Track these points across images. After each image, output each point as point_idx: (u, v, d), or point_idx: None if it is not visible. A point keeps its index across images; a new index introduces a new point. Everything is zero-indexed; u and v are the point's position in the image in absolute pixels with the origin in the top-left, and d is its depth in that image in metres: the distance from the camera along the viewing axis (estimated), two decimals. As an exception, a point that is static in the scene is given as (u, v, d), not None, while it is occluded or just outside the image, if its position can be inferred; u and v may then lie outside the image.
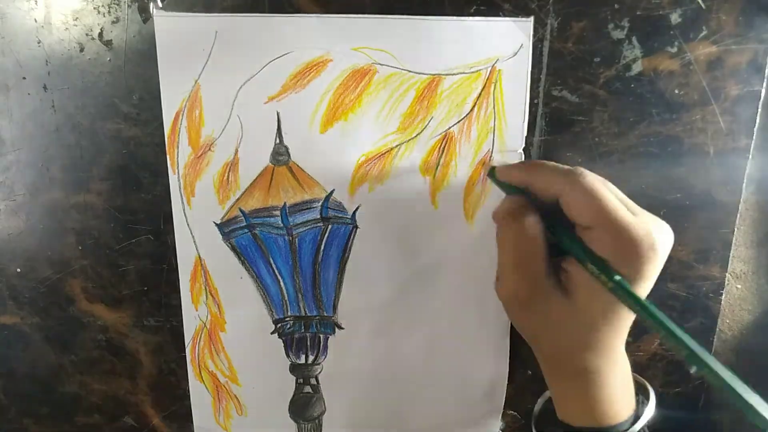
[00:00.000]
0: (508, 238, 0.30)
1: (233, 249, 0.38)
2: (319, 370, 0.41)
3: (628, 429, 0.31)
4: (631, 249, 0.27)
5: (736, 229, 0.38)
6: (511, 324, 0.40)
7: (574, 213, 0.28)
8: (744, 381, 0.26)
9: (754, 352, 0.42)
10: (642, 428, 0.32)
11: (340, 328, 0.40)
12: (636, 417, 0.32)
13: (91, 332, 0.41)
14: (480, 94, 0.35)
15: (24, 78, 0.36)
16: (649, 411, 0.33)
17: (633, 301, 0.27)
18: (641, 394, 0.34)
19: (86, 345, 0.41)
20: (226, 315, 0.40)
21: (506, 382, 0.41)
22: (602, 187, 0.28)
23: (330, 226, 0.37)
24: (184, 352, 0.41)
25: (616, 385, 0.31)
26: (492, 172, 0.34)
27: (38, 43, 0.35)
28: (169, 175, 0.37)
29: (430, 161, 0.36)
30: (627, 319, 0.30)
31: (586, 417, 0.31)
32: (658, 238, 0.27)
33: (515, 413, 0.43)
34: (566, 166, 0.30)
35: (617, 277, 0.27)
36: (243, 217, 0.38)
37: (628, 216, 0.27)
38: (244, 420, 0.42)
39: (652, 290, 0.39)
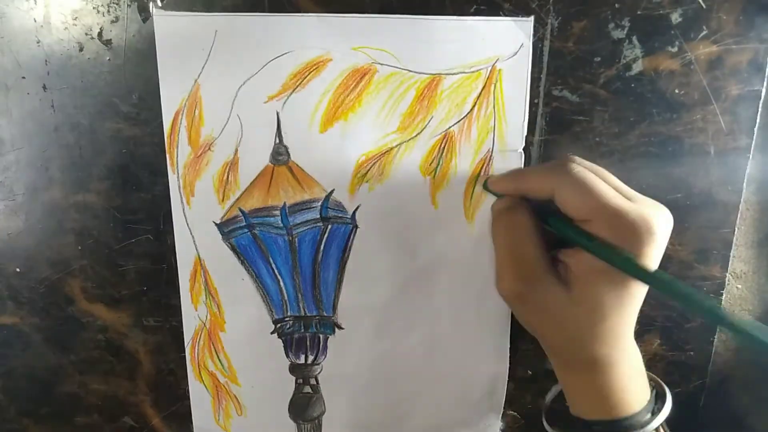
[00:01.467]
0: (501, 233, 0.30)
1: (233, 249, 0.38)
2: (318, 371, 0.41)
3: (644, 421, 0.31)
4: (629, 234, 0.27)
5: (736, 228, 0.38)
6: (512, 323, 0.40)
7: (569, 209, 0.28)
8: (744, 382, 0.26)
9: (754, 353, 0.42)
10: (660, 426, 0.32)
11: (340, 328, 0.40)
12: (651, 410, 0.32)
13: (91, 332, 0.41)
14: (480, 93, 0.35)
15: (23, 78, 0.36)
16: (667, 407, 0.32)
17: (644, 275, 0.27)
18: (657, 389, 0.34)
19: (86, 345, 0.41)
20: (225, 315, 0.40)
21: (506, 381, 0.41)
22: (593, 178, 0.28)
23: (330, 226, 0.37)
24: (184, 352, 0.41)
25: (628, 375, 0.31)
26: (485, 185, 0.35)
27: (37, 42, 0.35)
28: (169, 174, 0.37)
29: (430, 161, 0.36)
30: (630, 306, 0.30)
31: (599, 409, 0.31)
32: (655, 220, 0.27)
33: (515, 413, 0.43)
34: (555, 163, 0.30)
35: (627, 255, 0.27)
36: (243, 217, 0.37)
37: (623, 203, 0.27)
38: (243, 420, 0.42)
39: (652, 290, 0.39)
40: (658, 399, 0.33)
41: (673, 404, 0.42)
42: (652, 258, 0.28)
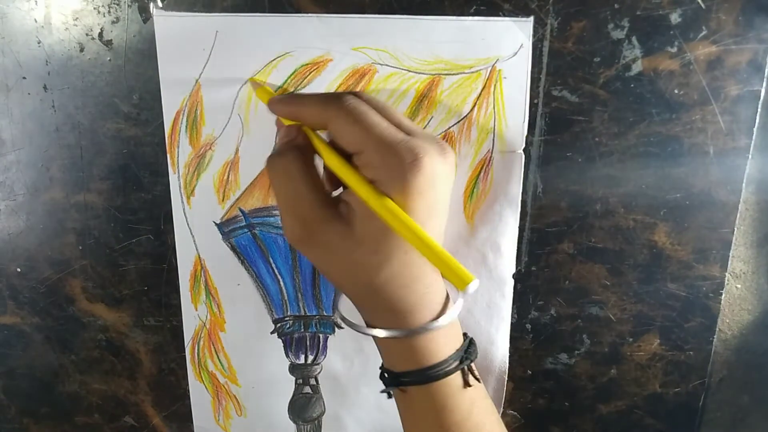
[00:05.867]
0: (275, 179, 0.28)
1: (233, 249, 0.38)
2: (318, 371, 0.41)
3: (450, 369, 0.29)
4: (395, 164, 0.25)
5: (735, 228, 0.38)
6: (512, 323, 0.40)
7: (341, 141, 0.27)
8: (744, 382, 0.25)
9: (753, 352, 0.42)
10: (467, 369, 0.30)
11: (340, 327, 0.40)
12: (460, 357, 0.30)
13: (91, 332, 0.41)
14: (480, 94, 0.35)
15: (24, 78, 0.36)
16: (474, 352, 0.31)
17: (389, 215, 0.25)
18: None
19: (86, 345, 0.41)
20: (225, 315, 0.40)
21: (506, 381, 0.41)
22: (365, 110, 0.27)
23: (330, 226, 0.37)
24: (184, 352, 0.41)
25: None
26: (269, 102, 0.31)
27: (38, 43, 0.35)
28: (170, 174, 0.37)
29: (430, 161, 0.36)
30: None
31: (407, 360, 0.29)
32: (423, 153, 0.25)
33: (515, 413, 0.43)
34: (331, 94, 0.29)
35: (380, 197, 0.25)
36: (243, 217, 0.38)
37: (394, 133, 0.26)
38: (243, 420, 0.42)
39: (652, 290, 0.39)
40: (471, 344, 0.31)
41: (672, 404, 0.42)
42: (419, 194, 0.25)
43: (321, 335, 0.40)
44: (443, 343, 0.30)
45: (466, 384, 0.30)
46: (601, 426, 0.43)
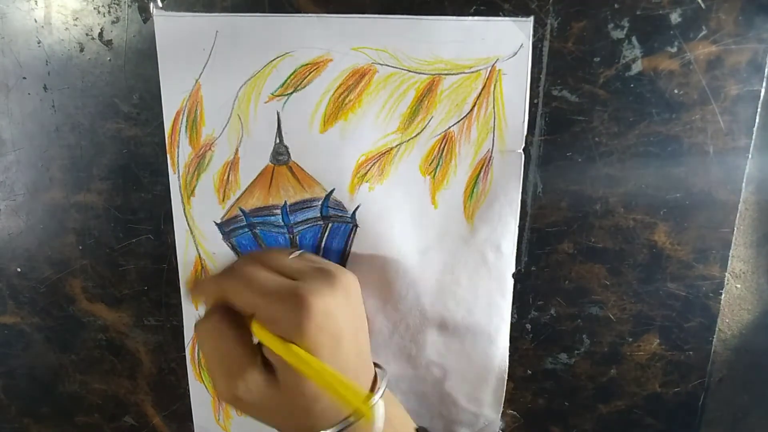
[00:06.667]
0: (203, 342, 0.29)
1: (233, 248, 0.38)
2: (319, 370, 0.41)
3: None
4: (286, 316, 0.27)
5: (735, 228, 0.38)
6: (512, 323, 0.40)
7: (239, 307, 0.28)
8: (744, 382, 0.25)
9: (753, 352, 0.42)
10: None
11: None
12: None
13: (92, 332, 0.41)
14: (480, 93, 0.35)
15: (24, 78, 0.36)
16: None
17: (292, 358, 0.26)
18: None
19: (86, 344, 0.41)
20: (226, 314, 0.40)
21: (506, 380, 0.41)
22: (249, 271, 0.29)
23: (330, 225, 0.38)
24: (184, 352, 0.41)
25: None
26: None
27: (38, 43, 0.35)
28: (170, 174, 0.37)
29: (430, 161, 0.36)
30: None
31: None
32: (307, 296, 0.27)
33: (515, 413, 0.43)
34: (224, 269, 0.30)
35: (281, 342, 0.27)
36: (243, 217, 0.38)
37: (276, 287, 0.28)
38: (243, 420, 0.42)
39: (652, 290, 0.39)
40: None
41: (672, 404, 0.42)
42: (319, 331, 0.27)
43: (321, 335, 0.40)
44: None
45: None
46: (601, 426, 0.43)
